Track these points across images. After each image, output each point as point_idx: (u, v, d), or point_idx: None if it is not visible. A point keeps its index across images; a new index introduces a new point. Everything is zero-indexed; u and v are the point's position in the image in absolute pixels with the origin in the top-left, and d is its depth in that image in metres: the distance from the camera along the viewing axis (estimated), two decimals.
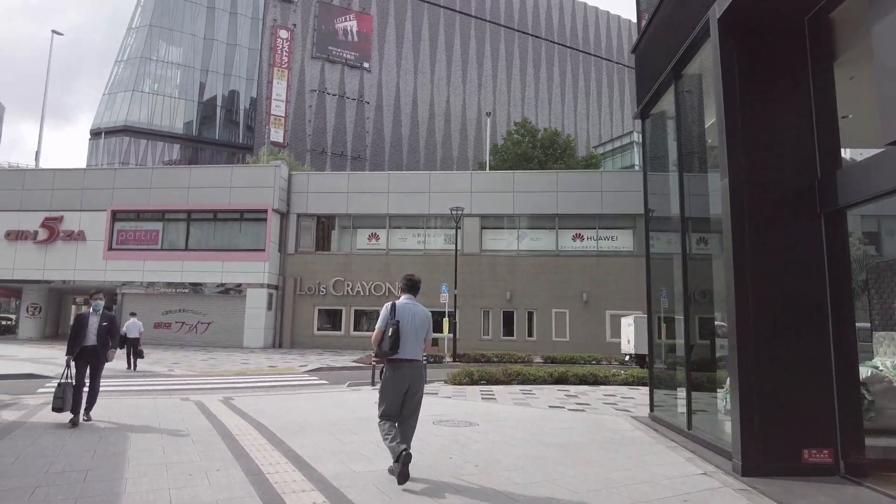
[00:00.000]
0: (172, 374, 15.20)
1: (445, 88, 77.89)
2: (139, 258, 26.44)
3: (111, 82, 64.10)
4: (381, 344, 4.92)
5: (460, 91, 78.91)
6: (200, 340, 26.03)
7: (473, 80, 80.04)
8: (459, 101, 78.73)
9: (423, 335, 5.15)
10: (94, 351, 7.50)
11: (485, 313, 25.50)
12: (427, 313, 5.33)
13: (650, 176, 9.82)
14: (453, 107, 78.04)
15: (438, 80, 77.61)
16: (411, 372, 4.98)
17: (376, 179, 27.41)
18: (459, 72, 79.39)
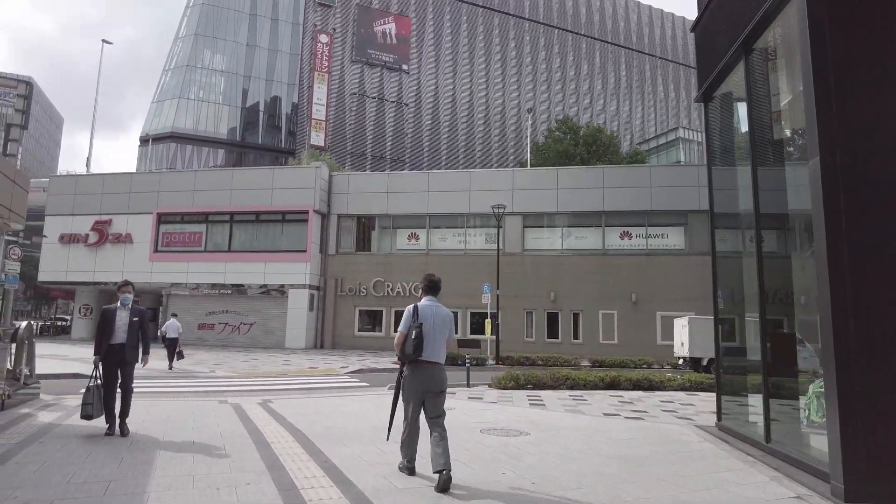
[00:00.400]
0: (213, 375, 15.10)
1: (484, 88, 77.31)
2: (183, 260, 26.79)
3: (159, 91, 65.99)
4: (405, 346, 4.91)
5: (499, 90, 78.17)
6: (243, 341, 26.17)
7: (513, 79, 79.18)
8: (499, 100, 77.99)
9: (445, 336, 5.12)
10: (122, 350, 6.69)
11: (528, 314, 24.77)
12: (449, 314, 5.28)
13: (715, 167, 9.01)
14: (492, 106, 77.37)
15: (477, 79, 77.09)
16: (432, 374, 4.97)
17: (416, 179, 27.05)
18: (499, 71, 78.68)
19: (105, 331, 6.71)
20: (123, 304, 6.95)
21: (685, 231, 24.76)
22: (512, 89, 78.85)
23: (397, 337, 5.07)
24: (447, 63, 76.34)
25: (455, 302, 24.95)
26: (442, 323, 5.11)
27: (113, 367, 6.76)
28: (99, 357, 6.69)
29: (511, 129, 77.24)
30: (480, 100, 76.80)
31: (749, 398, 7.82)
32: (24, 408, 8.06)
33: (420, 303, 5.23)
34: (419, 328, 4.89)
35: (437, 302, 5.29)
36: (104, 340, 6.69)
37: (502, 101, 78.08)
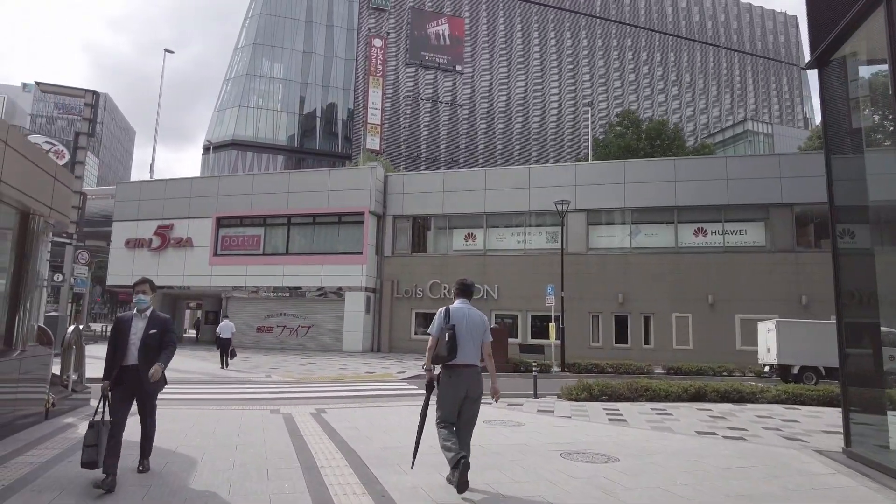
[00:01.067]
0: (269, 380, 14.64)
1: (539, 85, 75.81)
2: (242, 263, 26.89)
3: (220, 100, 67.94)
4: (438, 349, 4.74)
5: (555, 87, 76.44)
6: (300, 344, 25.97)
7: (569, 75, 77.25)
8: (554, 97, 76.25)
9: (479, 339, 4.94)
10: (136, 374, 4.88)
11: (594, 318, 23.35)
12: (483, 317, 5.08)
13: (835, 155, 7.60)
14: (548, 103, 75.73)
15: (532, 77, 75.68)
16: (468, 377, 4.81)
17: (472, 177, 26.12)
18: (554, 68, 76.98)
19: (117, 347, 4.98)
20: (139, 309, 5.13)
21: (766, 226, 22.74)
22: (568, 86, 76.93)
23: (430, 340, 4.88)
24: (501, 62, 75.37)
25: (514, 305, 23.87)
26: (475, 326, 4.90)
27: (126, 398, 4.98)
28: (108, 383, 4.89)
29: (568, 127, 75.38)
30: (536, 98, 75.33)
31: (888, 419, 6.44)
32: (70, 416, 7.61)
33: (452, 305, 5.03)
34: (452, 330, 4.71)
35: (470, 305, 5.09)
36: (115, 361, 4.95)
37: (558, 99, 76.30)
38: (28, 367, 6.70)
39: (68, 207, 7.52)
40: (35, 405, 6.93)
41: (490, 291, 24.18)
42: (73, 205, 7.83)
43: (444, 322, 4.82)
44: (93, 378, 13.26)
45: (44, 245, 7.56)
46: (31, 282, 6.70)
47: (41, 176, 6.63)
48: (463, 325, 4.81)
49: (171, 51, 42.68)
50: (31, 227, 6.68)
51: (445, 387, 4.80)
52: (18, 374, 6.33)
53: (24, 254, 6.64)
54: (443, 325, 4.80)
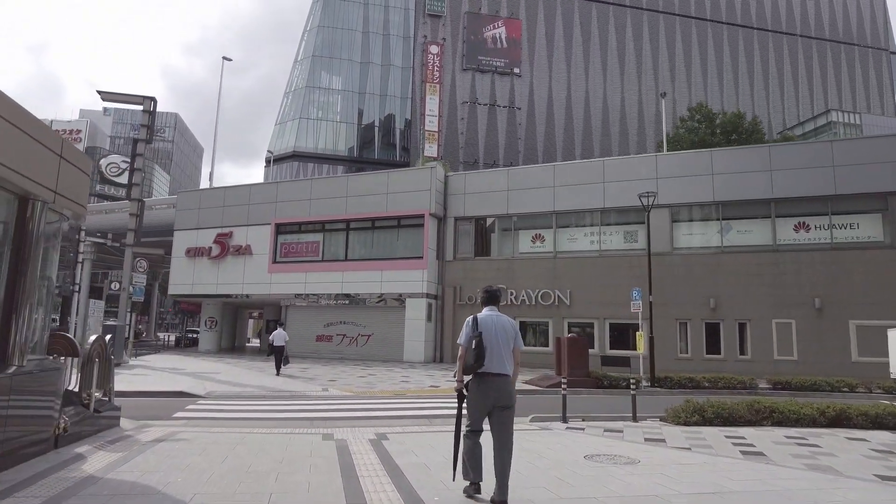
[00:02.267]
0: (325, 394, 13.32)
1: (601, 84, 73.17)
2: (301, 270, 26.05)
3: (281, 113, 69.05)
4: (467, 358, 4.63)
5: (618, 85, 73.55)
6: (360, 353, 24.78)
7: (632, 72, 74.15)
8: (617, 95, 73.32)
9: (510, 347, 4.80)
10: None
11: (681, 325, 20.94)
12: (513, 324, 4.94)
13: None
14: (611, 102, 72.89)
15: (593, 76, 73.12)
16: (498, 386, 4.66)
17: (539, 173, 24.19)
18: (616, 65, 74.12)
19: None
20: None
21: (883, 219, 19.73)
22: (631, 83, 73.83)
23: (459, 351, 4.78)
24: (560, 62, 73.32)
25: (590, 312, 21.81)
26: (504, 333, 4.81)
27: None
28: None
29: (633, 125, 72.28)
30: (597, 97, 72.70)
31: None
32: (85, 443, 6.39)
33: (480, 314, 4.92)
34: (479, 337, 4.64)
35: (498, 312, 4.98)
36: None
37: (621, 97, 73.32)
38: (26, 385, 5.49)
39: (81, 194, 6.31)
40: (38, 431, 5.71)
41: (562, 297, 22.18)
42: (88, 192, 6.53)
43: (472, 331, 4.71)
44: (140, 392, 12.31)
45: (54, 242, 6.35)
46: (32, 284, 5.48)
47: (41, 153, 5.42)
48: (491, 333, 4.71)
49: (230, 58, 43.24)
50: (30, 217, 5.47)
51: (473, 394, 4.70)
52: (10, 395, 5.09)
53: (23, 250, 5.43)
54: (470, 334, 4.70)
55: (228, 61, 43.67)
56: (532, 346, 22.81)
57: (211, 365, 20.41)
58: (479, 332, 4.67)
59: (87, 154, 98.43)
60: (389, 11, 72.36)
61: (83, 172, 6.40)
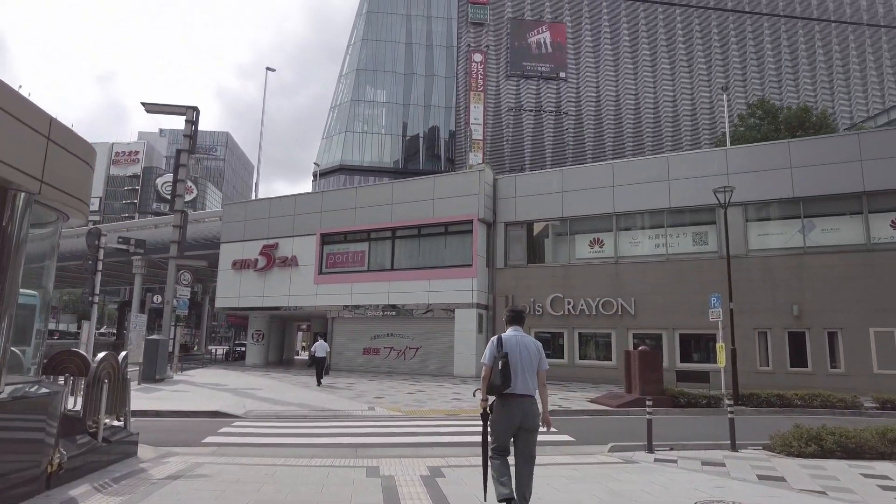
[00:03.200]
0: (371, 414, 12.17)
1: (651, 85, 70.71)
2: (347, 280, 25.21)
3: (327, 128, 69.61)
4: (492, 378, 4.59)
5: (668, 85, 70.89)
6: (408, 367, 23.64)
7: (683, 72, 71.35)
8: (668, 97, 70.62)
9: (535, 368, 4.73)
10: None
11: (760, 335, 18.86)
12: (537, 344, 4.87)
13: None
14: (662, 104, 70.25)
15: (642, 77, 70.78)
16: (522, 407, 4.58)
17: (596, 172, 22.54)
18: (666, 66, 71.50)
19: None
20: None
21: None
22: (683, 83, 71.01)
23: (483, 371, 4.71)
24: (608, 63, 71.36)
25: (656, 321, 20.01)
26: (529, 353, 4.72)
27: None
28: None
29: (686, 126, 69.37)
30: (648, 98, 70.25)
31: None
32: (85, 482, 5.38)
33: (504, 333, 4.86)
34: (505, 358, 4.55)
35: (523, 332, 4.90)
36: None
37: (672, 98, 70.58)
38: (7, 413, 4.49)
39: (80, 187, 5.35)
40: (24, 470, 4.71)
41: (625, 306, 20.45)
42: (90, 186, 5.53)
43: (496, 351, 4.67)
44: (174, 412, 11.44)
45: (50, 244, 5.39)
46: (11, 293, 4.49)
47: (19, 131, 4.44)
48: (516, 354, 4.66)
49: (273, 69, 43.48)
50: (7, 211, 4.50)
51: (498, 415, 4.64)
52: None
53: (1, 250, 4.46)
54: (495, 354, 4.65)
55: (272, 72, 43.93)
56: (592, 360, 21.15)
57: (255, 380, 19.66)
58: (505, 353, 4.59)
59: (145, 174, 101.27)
60: (432, 22, 72.26)
61: (83, 162, 5.44)
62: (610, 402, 14.06)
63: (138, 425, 9.96)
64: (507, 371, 4.49)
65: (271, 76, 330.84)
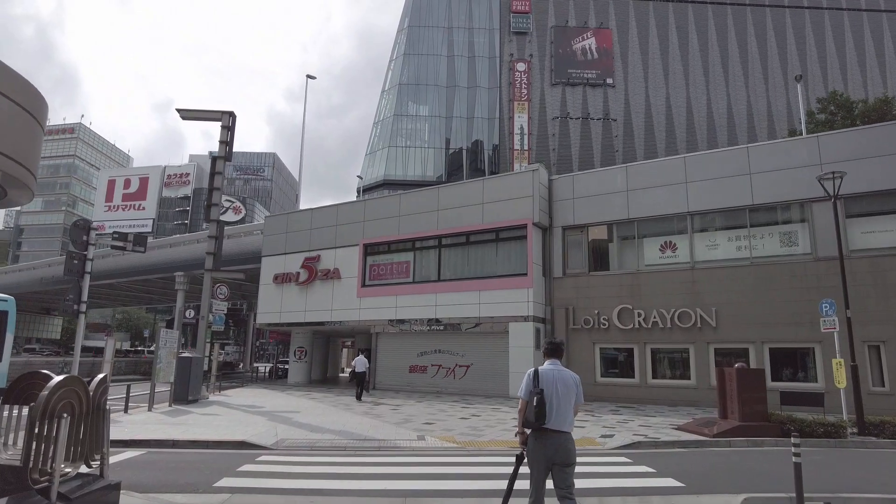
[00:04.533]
0: (421, 445, 10.30)
1: (703, 88, 67.60)
2: (391, 293, 23.58)
3: (371, 144, 69.27)
4: (527, 414, 4.60)
5: (721, 87, 67.62)
6: (458, 387, 21.69)
7: (737, 74, 67.92)
8: (722, 100, 67.26)
9: (571, 402, 4.70)
10: None
11: (872, 350, 16.08)
12: (575, 379, 4.81)
13: None
14: (716, 107, 66.94)
15: (694, 81, 67.78)
16: (558, 443, 4.57)
17: (667, 167, 20.14)
18: (719, 68, 68.28)
19: None
20: None
21: None
22: (738, 85, 67.59)
23: (520, 404, 4.79)
24: (657, 68, 68.70)
25: (742, 334, 17.50)
26: (566, 388, 4.68)
27: None
28: None
29: (742, 129, 65.79)
30: (700, 102, 67.10)
31: None
32: None
33: (541, 367, 4.81)
34: (540, 394, 4.54)
35: (561, 365, 4.86)
36: None
37: (727, 100, 67.20)
38: None
39: (21, 146, 3.73)
40: None
41: (705, 318, 17.98)
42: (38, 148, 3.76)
43: (532, 386, 4.65)
44: (194, 442, 9.86)
45: None
46: None
47: None
48: (552, 389, 4.63)
49: (314, 76, 42.99)
50: None
51: (533, 451, 4.63)
52: None
53: None
54: (531, 389, 4.63)
55: (312, 79, 43.40)
56: (667, 380, 18.71)
57: (294, 401, 18.12)
58: (541, 389, 4.58)
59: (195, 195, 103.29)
60: (474, 33, 71.42)
61: (26, 114, 3.84)
62: (703, 429, 11.75)
63: (145, 460, 8.42)
64: (541, 407, 4.49)
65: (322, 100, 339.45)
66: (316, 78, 44.23)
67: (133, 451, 9.05)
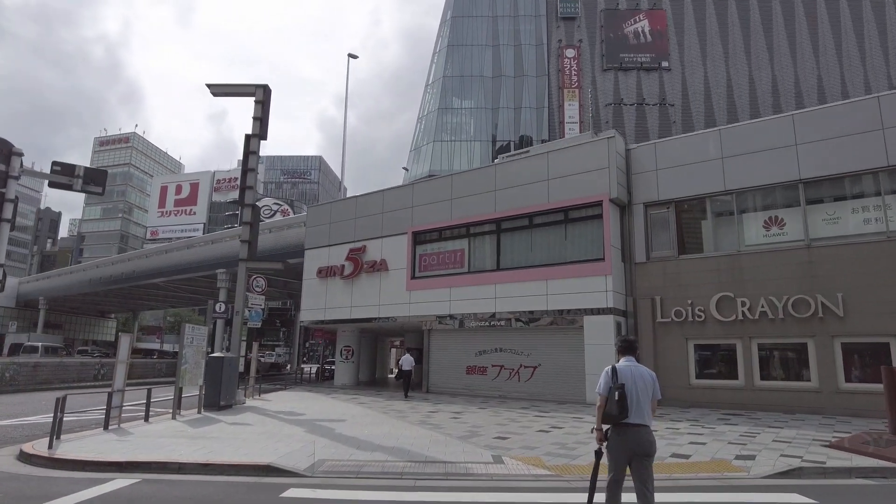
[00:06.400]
0: (502, 472, 7.70)
1: (768, 68, 62.66)
2: (444, 285, 21.13)
3: (415, 140, 67.54)
4: (608, 408, 4.68)
5: (788, 63, 62.51)
6: (524, 391, 19.00)
7: (806, 49, 62.63)
8: (789, 78, 62.06)
9: (650, 397, 4.80)
10: None
11: None
12: (652, 375, 4.92)
13: None
14: (783, 87, 61.91)
15: (757, 59, 63.01)
16: (639, 436, 4.66)
17: (770, 128, 16.67)
18: (784, 43, 63.11)
19: None
20: None
21: None
22: (807, 62, 62.27)
23: (598, 401, 4.85)
24: (716, 49, 64.20)
25: (877, 325, 14.18)
26: (643, 383, 4.78)
27: None
28: None
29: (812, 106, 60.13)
30: (765, 83, 62.35)
31: None
32: None
33: (618, 363, 4.94)
34: (621, 389, 4.63)
35: (636, 362, 4.98)
36: None
37: (794, 79, 61.95)
38: None
39: None
40: None
41: (828, 305, 14.71)
42: None
43: (611, 381, 4.74)
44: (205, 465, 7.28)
45: None
46: None
47: None
48: (632, 385, 4.70)
49: (356, 56, 41.13)
50: None
51: (613, 444, 4.71)
52: None
53: None
54: (611, 385, 4.72)
55: (354, 58, 41.55)
56: (780, 381, 15.49)
57: (339, 406, 15.87)
58: (621, 384, 4.65)
59: None
60: (520, 21, 68.60)
61: None
62: (880, 451, 8.71)
63: (131, 495, 6.04)
64: (623, 401, 4.53)
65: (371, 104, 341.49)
66: (357, 57, 42.37)
67: (124, 479, 6.84)
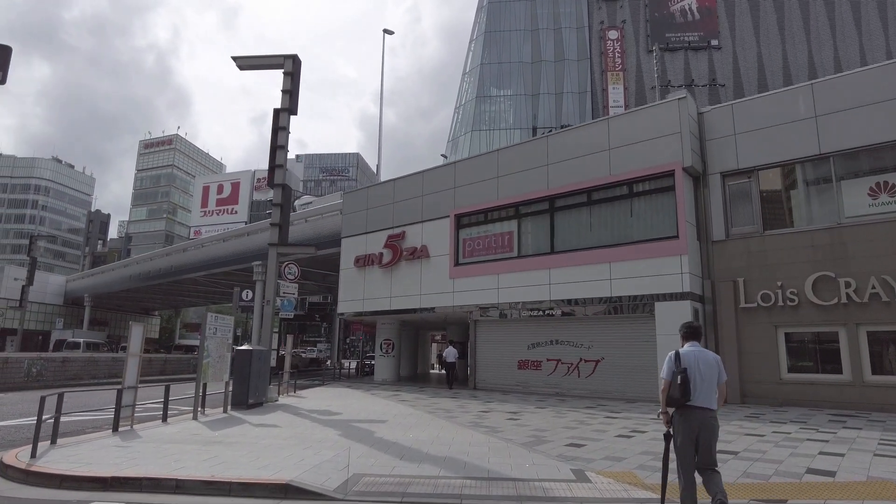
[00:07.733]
0: (590, 492, 5.81)
1: (831, 44, 58.25)
2: (491, 272, 19.26)
3: (453, 130, 65.94)
4: (671, 392, 4.74)
5: (854, 37, 58.07)
6: (585, 388, 16.97)
7: (873, 18, 58.00)
8: (854, 49, 57.65)
9: (714, 381, 4.81)
10: None
11: None
12: (717, 359, 4.92)
13: None
14: (845, 60, 57.48)
15: (817, 35, 58.72)
16: (703, 419, 4.69)
17: (872, 79, 14.04)
18: (848, 12, 58.62)
19: None
20: None
21: None
22: (875, 34, 57.65)
23: (662, 385, 4.92)
24: (770, 25, 60.27)
25: None
26: (708, 368, 4.80)
27: None
28: None
29: None
30: (826, 60, 57.98)
31: None
32: None
33: (682, 349, 4.96)
34: (684, 373, 4.68)
35: (700, 347, 5.00)
36: None
37: (860, 55, 57.42)
38: None
39: None
40: None
41: None
42: None
43: (674, 366, 4.78)
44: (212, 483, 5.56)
45: None
46: None
47: None
48: (695, 368, 4.74)
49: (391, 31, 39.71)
50: None
51: (678, 426, 4.75)
52: None
53: None
54: (674, 369, 4.76)
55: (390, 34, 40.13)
56: (890, 376, 13.03)
57: (380, 405, 14.23)
58: (684, 368, 4.70)
59: None
60: (559, 3, 66.00)
61: None
62: None
63: None
64: (685, 385, 4.61)
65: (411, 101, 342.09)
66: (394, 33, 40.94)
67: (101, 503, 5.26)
